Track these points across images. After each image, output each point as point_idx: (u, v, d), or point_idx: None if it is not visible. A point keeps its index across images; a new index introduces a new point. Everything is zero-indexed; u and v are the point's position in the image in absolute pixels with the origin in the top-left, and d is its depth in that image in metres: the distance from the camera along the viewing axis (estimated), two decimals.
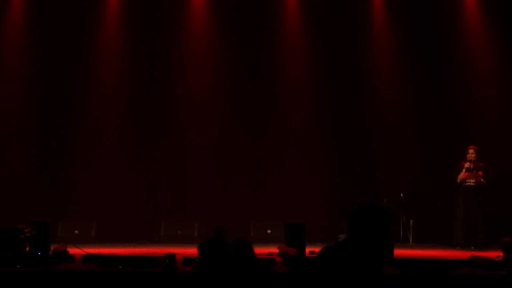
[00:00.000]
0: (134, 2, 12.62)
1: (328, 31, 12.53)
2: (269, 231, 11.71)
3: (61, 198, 12.23)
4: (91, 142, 12.39)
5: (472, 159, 11.00)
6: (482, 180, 10.96)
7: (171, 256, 6.93)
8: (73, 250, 8.14)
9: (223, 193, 12.46)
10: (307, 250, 8.62)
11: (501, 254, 7.92)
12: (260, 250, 9.34)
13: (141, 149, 12.54)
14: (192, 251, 9.42)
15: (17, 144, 12.30)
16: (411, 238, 11.82)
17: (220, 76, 12.61)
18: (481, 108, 12.38)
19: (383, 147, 12.51)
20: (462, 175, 11.04)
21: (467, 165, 10.99)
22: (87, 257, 7.51)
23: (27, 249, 7.84)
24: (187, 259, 7.29)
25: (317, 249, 9.11)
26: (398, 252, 8.90)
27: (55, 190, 12.25)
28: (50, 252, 7.89)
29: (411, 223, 11.85)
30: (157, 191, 12.49)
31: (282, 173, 12.43)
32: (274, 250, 8.74)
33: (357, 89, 12.60)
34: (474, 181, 10.99)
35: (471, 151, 11.04)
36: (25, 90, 12.38)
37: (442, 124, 12.31)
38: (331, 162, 12.56)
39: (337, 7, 12.55)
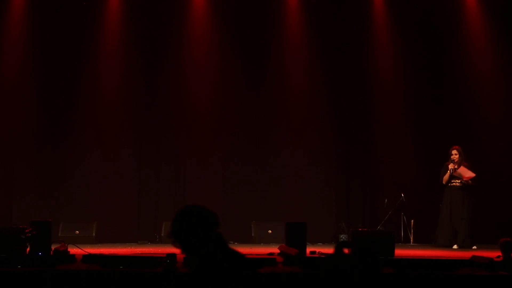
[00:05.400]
0: (135, 1, 12.62)
1: (328, 31, 12.54)
2: (270, 231, 11.70)
3: (62, 198, 12.23)
4: (92, 142, 12.38)
5: (455, 160, 10.98)
6: (469, 181, 10.93)
7: (172, 256, 6.89)
8: (74, 250, 8.13)
9: (224, 193, 12.46)
10: (308, 250, 8.61)
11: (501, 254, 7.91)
12: (261, 250, 9.39)
13: (142, 149, 12.54)
14: None
15: (17, 144, 12.29)
16: (412, 238, 11.81)
17: (222, 76, 12.61)
18: (481, 108, 12.39)
19: (384, 147, 12.51)
20: (446, 176, 11.03)
21: (451, 166, 10.98)
22: (88, 257, 7.49)
23: (28, 249, 7.83)
24: (188, 260, 7.27)
25: (317, 249, 9.13)
26: (399, 252, 8.91)
27: (55, 190, 12.25)
28: (51, 252, 7.88)
29: (412, 223, 11.84)
30: (158, 191, 12.49)
31: (283, 174, 12.44)
32: (275, 250, 8.73)
33: (357, 89, 12.61)
34: (459, 180, 10.98)
35: (454, 151, 11.02)
36: (25, 90, 12.36)
37: (443, 124, 12.31)
38: (331, 162, 12.56)
39: (338, 7, 12.56)
